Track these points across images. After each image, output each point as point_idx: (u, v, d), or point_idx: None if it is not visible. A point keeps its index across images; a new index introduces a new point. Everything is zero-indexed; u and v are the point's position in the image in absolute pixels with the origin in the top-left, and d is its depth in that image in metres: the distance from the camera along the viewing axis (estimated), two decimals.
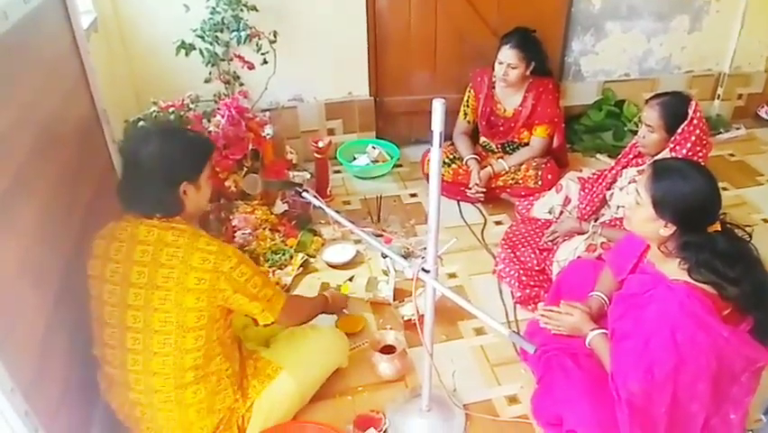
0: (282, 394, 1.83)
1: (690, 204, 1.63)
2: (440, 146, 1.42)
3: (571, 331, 1.97)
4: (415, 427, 1.91)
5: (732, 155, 3.55)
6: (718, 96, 3.80)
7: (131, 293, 1.60)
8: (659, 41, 3.58)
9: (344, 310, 2.34)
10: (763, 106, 3.87)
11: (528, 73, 2.91)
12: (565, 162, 3.18)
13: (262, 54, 2.85)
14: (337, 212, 1.89)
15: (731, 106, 3.88)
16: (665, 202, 1.63)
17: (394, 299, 2.38)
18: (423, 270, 1.58)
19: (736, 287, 1.59)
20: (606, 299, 2.02)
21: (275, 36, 2.82)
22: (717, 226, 1.67)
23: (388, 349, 2.11)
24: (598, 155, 3.42)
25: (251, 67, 2.78)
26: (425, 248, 1.67)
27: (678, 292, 1.62)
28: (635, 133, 3.46)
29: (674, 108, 2.22)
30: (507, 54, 2.84)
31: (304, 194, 1.96)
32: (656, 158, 2.18)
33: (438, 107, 1.36)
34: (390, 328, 2.25)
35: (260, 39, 2.80)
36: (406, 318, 2.29)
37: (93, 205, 1.94)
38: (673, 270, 1.68)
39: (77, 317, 1.69)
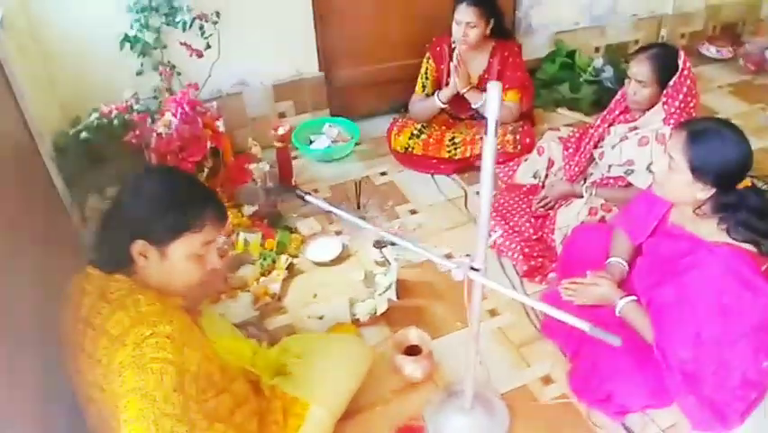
0: (317, 429, 1.64)
1: (732, 166, 1.59)
2: (495, 134, 1.26)
3: (597, 302, 1.92)
4: (459, 427, 1.79)
5: None
6: (662, 37, 3.80)
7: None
8: None
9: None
10: (704, 43, 3.92)
11: (488, 32, 2.76)
12: (533, 123, 3.08)
13: (205, 38, 2.54)
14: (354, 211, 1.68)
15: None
16: (706, 166, 1.59)
17: (397, 297, 2.17)
18: (472, 268, 1.44)
19: None
20: (625, 264, 1.98)
21: (218, 16, 2.52)
22: (747, 182, 1.66)
23: (411, 350, 1.97)
24: (558, 109, 3.36)
25: (200, 54, 2.47)
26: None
27: (720, 255, 1.61)
28: (591, 83, 3.45)
29: (665, 61, 2.16)
30: (465, 12, 2.66)
31: (307, 197, 1.75)
32: (684, 120, 1.92)
33: (494, 91, 1.19)
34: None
35: (205, 21, 2.49)
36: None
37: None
38: (710, 231, 1.66)
39: None
